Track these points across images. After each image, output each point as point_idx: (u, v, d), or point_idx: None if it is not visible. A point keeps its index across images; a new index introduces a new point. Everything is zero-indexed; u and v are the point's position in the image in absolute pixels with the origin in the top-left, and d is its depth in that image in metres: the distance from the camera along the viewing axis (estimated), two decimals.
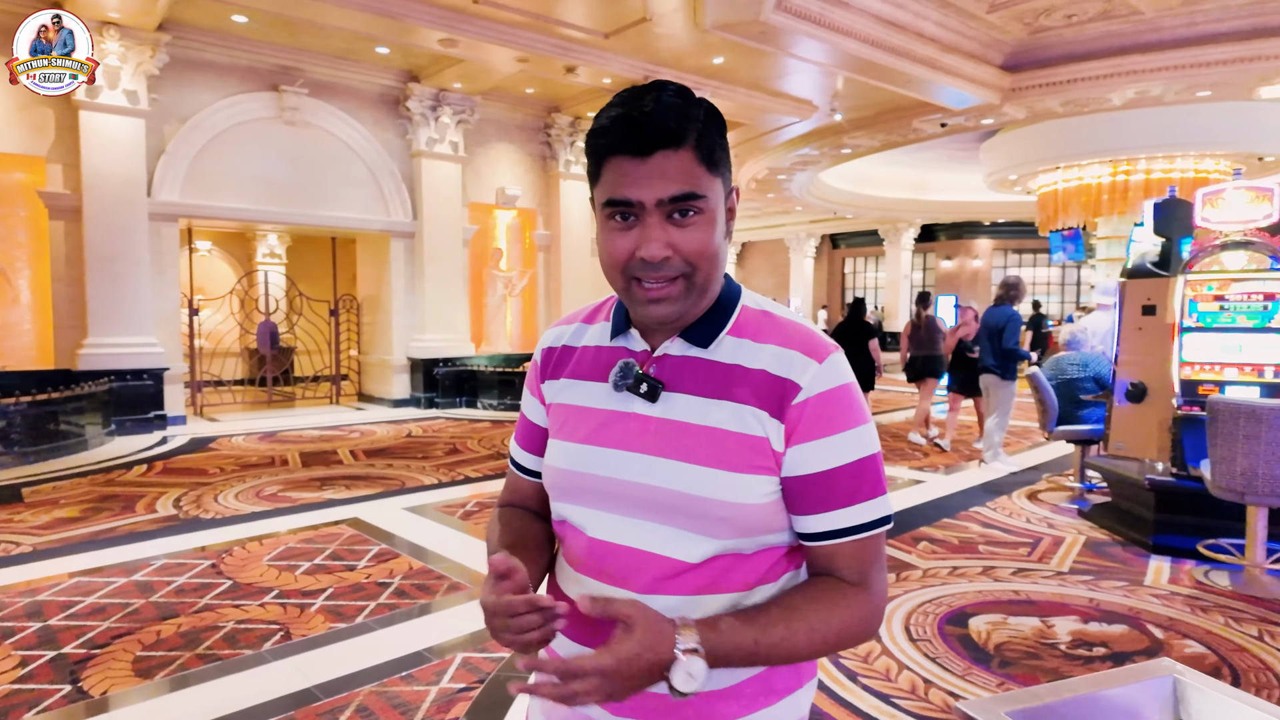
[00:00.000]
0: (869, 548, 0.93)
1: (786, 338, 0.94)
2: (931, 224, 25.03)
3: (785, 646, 0.88)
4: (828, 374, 0.91)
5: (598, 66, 9.70)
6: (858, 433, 0.91)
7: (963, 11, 9.85)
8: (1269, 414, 3.74)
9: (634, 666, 0.80)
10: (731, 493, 0.89)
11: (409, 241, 11.01)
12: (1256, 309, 4.48)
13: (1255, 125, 12.95)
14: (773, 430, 0.90)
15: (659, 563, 0.91)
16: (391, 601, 3.74)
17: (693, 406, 0.92)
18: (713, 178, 0.91)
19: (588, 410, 0.99)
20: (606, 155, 0.90)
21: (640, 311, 0.94)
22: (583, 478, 0.97)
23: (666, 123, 0.87)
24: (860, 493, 0.91)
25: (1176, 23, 10.01)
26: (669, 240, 0.89)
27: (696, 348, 0.95)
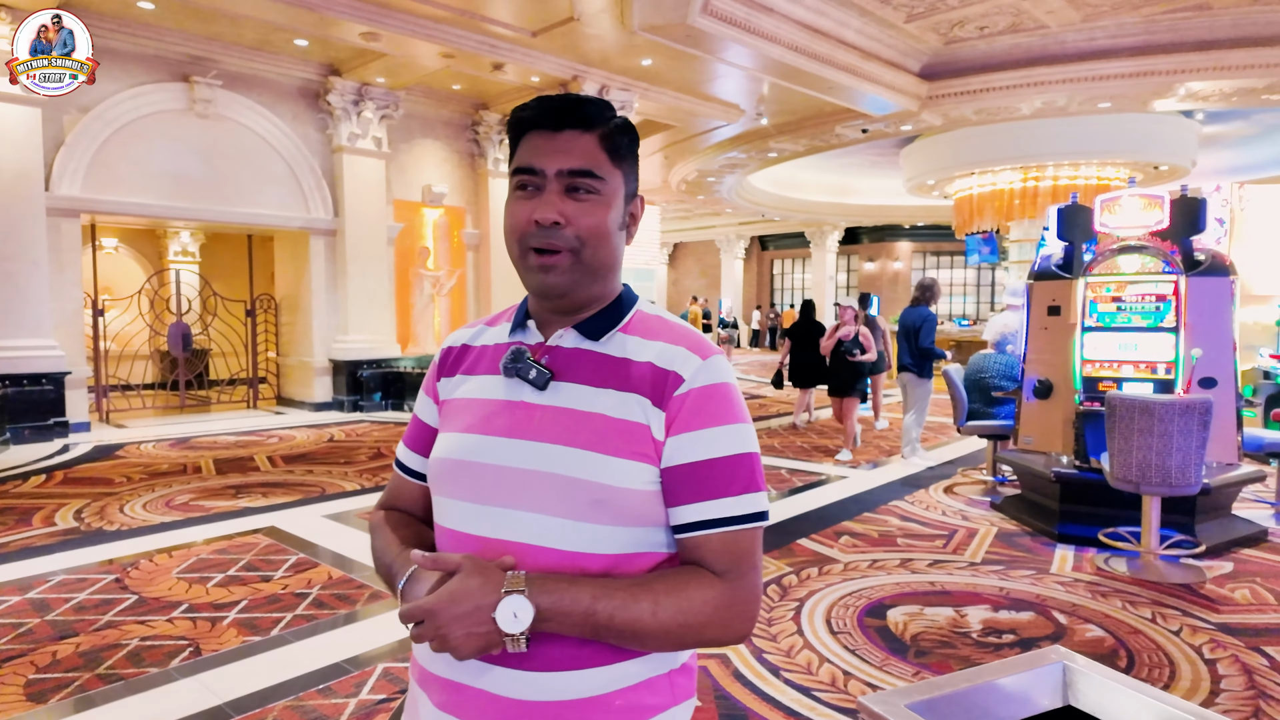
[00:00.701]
0: (739, 542, 0.92)
1: (675, 337, 0.98)
2: (855, 227, 25.72)
3: (625, 616, 0.86)
4: (710, 371, 0.94)
5: (525, 65, 9.62)
6: (736, 429, 0.93)
7: (882, 21, 10.16)
8: (1161, 409, 3.97)
9: (456, 607, 0.83)
10: (610, 475, 0.90)
11: (330, 239, 10.69)
12: (1150, 309, 4.76)
13: (1153, 136, 13.77)
14: (654, 419, 0.92)
15: (537, 554, 0.90)
16: (309, 612, 3.63)
17: (579, 394, 0.94)
18: (614, 168, 0.97)
19: (479, 402, 1.00)
20: (524, 130, 0.98)
21: (533, 280, 0.97)
22: (466, 466, 0.96)
23: (581, 108, 0.96)
24: (733, 486, 0.92)
25: (1078, 37, 10.55)
26: (563, 210, 0.94)
27: (588, 340, 0.98)
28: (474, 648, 0.84)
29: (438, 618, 0.83)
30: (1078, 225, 5.37)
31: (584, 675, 0.90)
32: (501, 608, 0.83)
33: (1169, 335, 4.70)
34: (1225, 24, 9.80)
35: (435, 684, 0.96)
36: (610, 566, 0.91)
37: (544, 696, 0.89)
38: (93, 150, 8.65)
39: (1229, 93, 10.97)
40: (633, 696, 0.92)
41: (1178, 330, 4.66)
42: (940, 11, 9.94)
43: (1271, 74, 10.17)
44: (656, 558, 0.94)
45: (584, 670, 0.90)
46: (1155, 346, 4.75)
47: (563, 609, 0.85)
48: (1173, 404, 3.96)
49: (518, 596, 0.83)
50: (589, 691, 0.90)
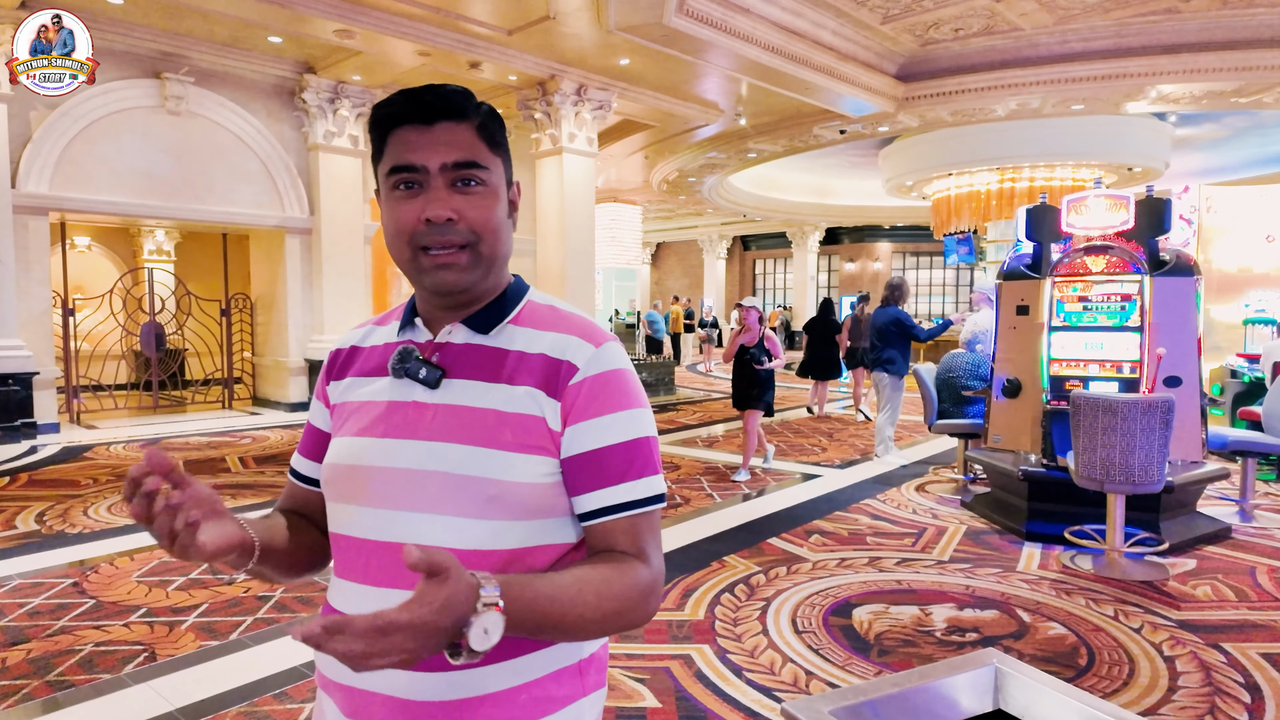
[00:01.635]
0: (644, 523, 0.93)
1: (567, 326, 0.96)
2: (835, 227, 25.84)
3: (575, 612, 0.83)
4: (604, 358, 0.93)
5: (502, 63, 9.58)
6: (631, 414, 0.93)
7: (858, 22, 10.20)
8: (1124, 408, 4.01)
9: (445, 619, 0.70)
10: (506, 471, 0.88)
11: (306, 238, 10.59)
12: (1115, 309, 4.80)
13: (1126, 139, 13.94)
14: (549, 410, 0.91)
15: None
16: (270, 616, 3.58)
17: (472, 391, 0.93)
18: (494, 156, 0.95)
19: (369, 404, 0.98)
20: (391, 127, 0.92)
21: (429, 281, 0.94)
22: (359, 471, 0.93)
23: (452, 99, 0.93)
24: (631, 470, 0.92)
25: (1051, 40, 10.65)
26: (455, 206, 0.91)
27: (478, 334, 0.96)
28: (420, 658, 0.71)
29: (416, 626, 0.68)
30: (1045, 225, 5.41)
31: (490, 671, 0.87)
32: (475, 626, 0.72)
33: (1134, 335, 4.75)
34: (1194, 28, 9.92)
35: (337, 690, 0.94)
36: (508, 561, 0.88)
37: (451, 695, 0.87)
38: (61, 147, 8.51)
39: (1199, 95, 11.11)
40: (540, 689, 0.91)
41: (1142, 329, 4.71)
42: (915, 14, 9.99)
43: (1240, 77, 10.31)
44: (558, 549, 0.93)
45: (490, 665, 0.86)
46: (1121, 346, 4.80)
47: (522, 614, 0.77)
48: (1135, 403, 4.00)
49: (493, 613, 0.72)
50: (496, 686, 0.88)
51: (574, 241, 10.80)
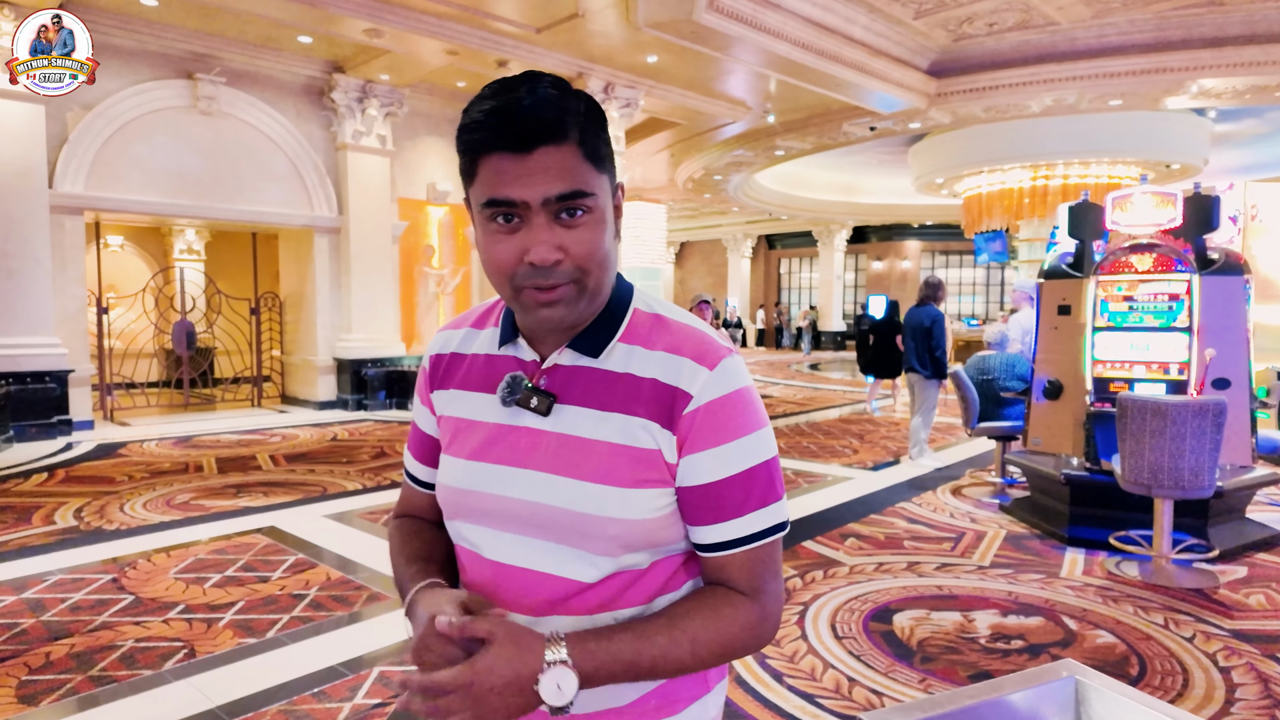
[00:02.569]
0: (760, 557, 0.91)
1: (678, 343, 0.90)
2: (863, 226, 25.60)
3: (669, 659, 0.85)
4: (719, 381, 0.88)
5: (530, 61, 9.56)
6: (749, 440, 0.89)
7: (890, 17, 10.07)
8: (1173, 410, 3.89)
9: (494, 679, 0.77)
10: (622, 509, 0.86)
11: (334, 237, 10.66)
12: (1162, 309, 4.67)
13: (1165, 135, 13.64)
14: (664, 442, 0.87)
15: (553, 583, 0.89)
16: (306, 614, 3.58)
17: (584, 420, 0.89)
18: (599, 174, 0.86)
19: (477, 424, 0.95)
20: (482, 152, 0.83)
21: (531, 319, 0.89)
22: (473, 496, 0.93)
23: (546, 116, 0.81)
24: (749, 502, 0.89)
25: (1088, 34, 10.44)
26: (558, 243, 0.83)
27: (587, 357, 0.91)
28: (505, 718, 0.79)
29: (471, 691, 0.76)
30: (1088, 223, 5.29)
31: (617, 689, 0.88)
32: (545, 680, 0.78)
33: (1182, 335, 4.61)
34: (1237, 20, 9.67)
35: None
36: (632, 582, 0.90)
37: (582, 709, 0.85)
38: (96, 147, 8.63)
39: (1241, 90, 10.84)
40: (666, 692, 0.93)
41: (1191, 330, 4.57)
42: (949, 8, 9.84)
43: None
44: (673, 563, 0.93)
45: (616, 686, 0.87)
46: (1168, 346, 4.67)
47: (606, 671, 0.81)
48: (1186, 405, 3.88)
49: (563, 668, 0.78)
50: (623, 700, 0.90)
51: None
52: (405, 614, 0.92)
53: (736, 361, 0.91)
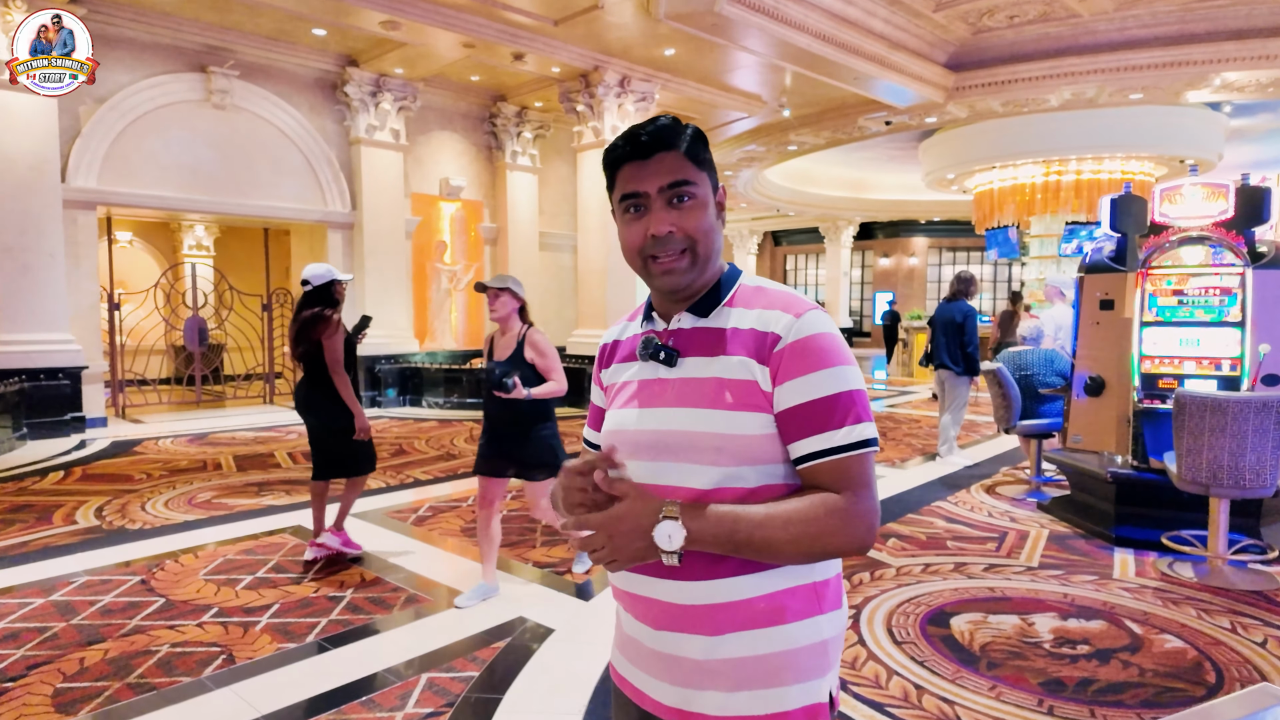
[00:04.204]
0: (847, 466, 1.05)
1: (770, 302, 1.13)
2: (870, 222, 25.45)
3: (764, 533, 1.01)
4: (803, 325, 1.08)
5: (546, 54, 9.45)
6: (831, 372, 1.06)
7: (910, 9, 9.94)
8: (1235, 407, 3.78)
9: (623, 524, 1.02)
10: (728, 426, 1.07)
11: (347, 233, 10.55)
12: (1213, 303, 4.55)
13: (1179, 129, 13.49)
14: (759, 374, 1.08)
15: (677, 493, 1.07)
16: (344, 618, 3.47)
17: (698, 365, 1.13)
18: (700, 172, 1.14)
19: (628, 384, 1.21)
20: (620, 164, 1.13)
21: (656, 284, 1.16)
22: (621, 434, 1.16)
23: (661, 133, 1.11)
24: (833, 420, 1.05)
25: (1110, 27, 10.31)
26: (672, 220, 1.11)
27: (700, 318, 1.16)
28: (631, 557, 1.03)
29: (607, 529, 1.02)
30: (1131, 216, 5.17)
31: (729, 582, 1.06)
32: (658, 529, 1.01)
33: (1234, 330, 4.50)
34: (1264, 11, 9.54)
35: (621, 595, 1.18)
36: (742, 498, 1.06)
37: (696, 600, 1.07)
38: (109, 141, 8.52)
39: (1265, 83, 10.70)
40: (775, 600, 1.08)
41: (1244, 325, 4.46)
42: (969, 0, 9.71)
43: None
44: (781, 488, 1.09)
45: (728, 579, 1.06)
46: (1219, 342, 4.55)
47: (709, 530, 1.01)
48: (1248, 402, 3.76)
49: (672, 521, 1.01)
50: (734, 596, 1.07)
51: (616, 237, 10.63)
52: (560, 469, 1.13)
53: (820, 314, 1.11)
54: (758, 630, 1.07)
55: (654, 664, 1.13)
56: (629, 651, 1.20)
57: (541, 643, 3.20)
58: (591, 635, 3.29)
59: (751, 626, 1.07)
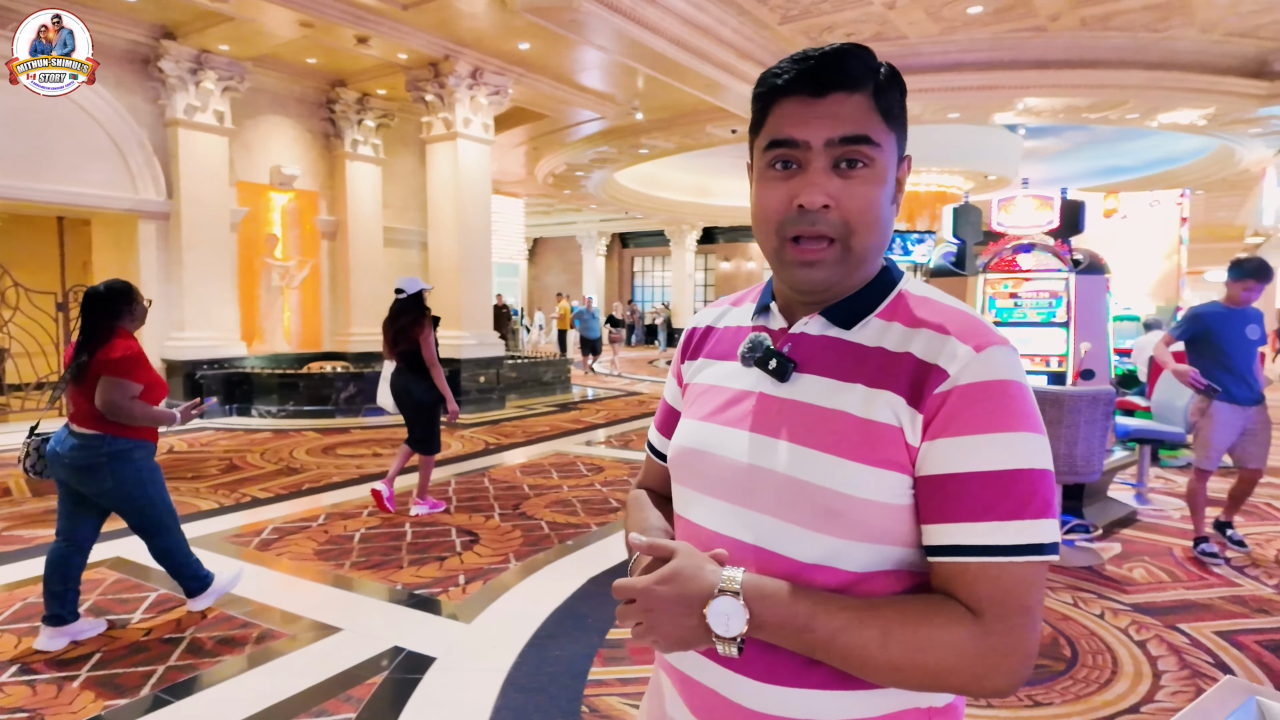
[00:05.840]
0: (1005, 577, 0.75)
1: (944, 322, 0.82)
2: (712, 227, 26.31)
3: (847, 639, 0.75)
4: (984, 365, 0.78)
5: (393, 39, 8.93)
6: (1009, 438, 0.76)
7: (758, 21, 10.29)
8: (1069, 400, 4.14)
9: (668, 592, 0.78)
10: (849, 483, 0.78)
11: (162, 224, 9.47)
12: (1044, 305, 5.00)
13: (985, 148, 14.95)
14: (907, 420, 0.78)
15: (766, 559, 0.82)
16: (186, 663, 3.03)
17: (822, 389, 0.83)
18: (888, 131, 0.83)
19: (717, 389, 0.94)
20: (776, 98, 0.83)
21: (789, 276, 0.86)
22: (697, 455, 0.91)
23: (845, 64, 0.81)
24: (997, 508, 0.75)
25: (934, 49, 11.19)
26: (832, 190, 0.81)
27: (838, 328, 0.86)
28: (677, 639, 0.79)
29: (646, 599, 0.79)
30: (969, 224, 5.59)
31: (815, 696, 0.80)
32: (713, 606, 0.77)
33: (1061, 330, 4.96)
34: (1060, 45, 10.71)
35: (670, 670, 0.94)
36: (846, 585, 0.79)
37: (765, 709, 0.81)
38: None
39: (1059, 109, 12.04)
40: None
41: (1069, 325, 4.92)
42: (813, 16, 10.20)
43: (1095, 94, 11.25)
44: (905, 581, 0.81)
45: (815, 690, 0.80)
46: (1048, 340, 5.00)
47: (777, 619, 0.76)
48: (1081, 395, 4.14)
49: (730, 598, 0.77)
50: (817, 714, 0.80)
51: (470, 233, 10.26)
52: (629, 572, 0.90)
53: (1012, 354, 0.81)
54: None
55: None
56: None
57: (424, 673, 2.94)
58: (479, 661, 3.07)
59: None
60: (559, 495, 5.75)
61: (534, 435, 8.41)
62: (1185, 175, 16.54)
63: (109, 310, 3.18)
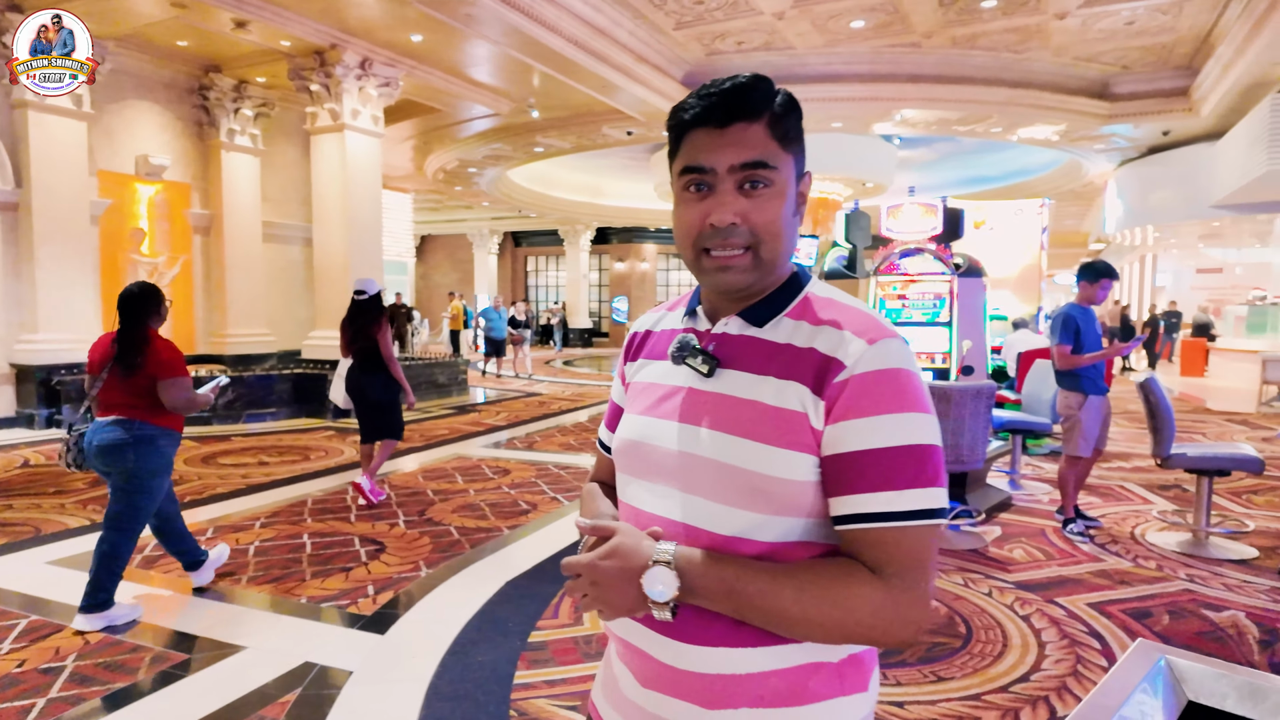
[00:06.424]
0: (899, 539, 0.87)
1: (842, 320, 0.94)
2: (605, 227, 26.42)
3: (767, 600, 0.86)
4: (876, 356, 0.89)
5: (275, 25, 8.49)
6: (902, 418, 0.87)
7: (653, 25, 10.44)
8: (956, 394, 4.44)
9: (609, 566, 0.88)
10: (766, 465, 0.89)
11: (10, 215, 8.61)
12: (929, 306, 5.33)
13: (863, 156, 15.73)
14: (812, 407, 0.90)
15: (697, 535, 0.93)
16: (70, 693, 2.79)
17: (742, 382, 0.94)
18: (785, 154, 0.95)
19: (653, 385, 1.04)
20: (687, 129, 0.95)
21: (709, 281, 0.98)
22: (636, 446, 1.01)
23: (746, 97, 0.92)
24: (894, 477, 0.86)
25: (819, 60, 11.69)
26: (739, 209, 0.93)
27: (753, 327, 0.98)
28: (619, 607, 0.89)
29: (591, 573, 0.89)
30: (860, 229, 5.88)
31: (737, 653, 0.90)
32: (648, 575, 0.87)
33: (944, 329, 5.30)
34: (932, 61, 11.42)
35: (612, 635, 1.04)
36: (768, 554, 0.90)
37: (697, 668, 0.92)
38: None
39: (931, 122, 12.83)
40: (792, 679, 0.91)
41: (951, 324, 5.27)
42: (706, 23, 10.43)
43: (964, 108, 12.07)
44: (818, 549, 0.92)
45: (738, 649, 0.90)
46: (934, 339, 5.34)
47: (706, 584, 0.87)
48: (966, 390, 4.45)
49: (664, 568, 0.87)
50: (741, 669, 0.91)
51: (359, 229, 9.89)
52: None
53: (901, 345, 0.92)
54: (764, 710, 0.91)
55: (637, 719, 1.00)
56: (612, 695, 1.05)
57: (341, 688, 2.83)
58: (399, 671, 2.98)
59: (758, 705, 0.91)
60: (466, 499, 5.64)
61: (433, 439, 8.20)
62: (1038, 185, 17.98)
63: (144, 310, 3.41)
